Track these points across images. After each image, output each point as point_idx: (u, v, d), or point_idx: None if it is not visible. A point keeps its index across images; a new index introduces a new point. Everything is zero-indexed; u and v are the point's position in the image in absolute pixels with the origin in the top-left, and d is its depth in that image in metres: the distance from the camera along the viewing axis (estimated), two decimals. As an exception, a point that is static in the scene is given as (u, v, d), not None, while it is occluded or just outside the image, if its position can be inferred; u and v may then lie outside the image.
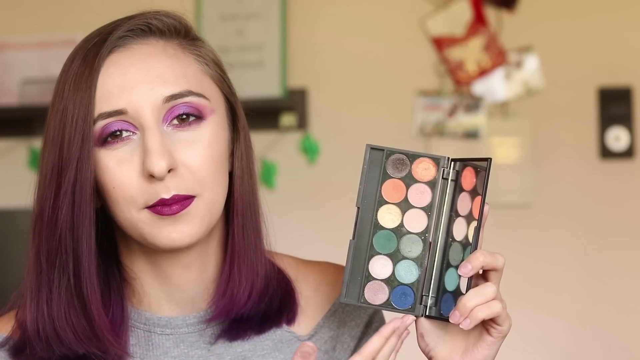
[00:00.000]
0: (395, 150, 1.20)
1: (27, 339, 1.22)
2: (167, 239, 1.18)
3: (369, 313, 1.33)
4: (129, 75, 1.18)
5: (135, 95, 1.17)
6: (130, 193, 1.17)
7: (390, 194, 1.20)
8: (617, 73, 3.19)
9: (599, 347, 3.18)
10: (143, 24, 1.21)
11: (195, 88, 1.20)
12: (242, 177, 1.26)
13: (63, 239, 1.18)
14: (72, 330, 1.19)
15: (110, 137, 1.17)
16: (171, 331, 1.26)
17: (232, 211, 1.25)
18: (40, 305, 1.21)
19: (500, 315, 1.16)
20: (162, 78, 1.18)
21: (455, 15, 3.22)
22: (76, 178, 1.17)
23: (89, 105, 1.16)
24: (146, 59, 1.19)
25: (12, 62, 3.28)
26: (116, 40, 1.20)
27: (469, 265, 1.15)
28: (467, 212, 1.19)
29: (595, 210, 3.20)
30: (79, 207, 1.17)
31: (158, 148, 1.16)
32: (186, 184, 1.17)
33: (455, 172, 1.20)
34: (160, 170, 1.15)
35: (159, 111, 1.18)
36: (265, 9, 3.22)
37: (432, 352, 1.21)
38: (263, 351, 1.28)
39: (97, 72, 1.18)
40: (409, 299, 1.20)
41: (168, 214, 1.17)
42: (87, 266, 1.18)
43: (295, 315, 1.30)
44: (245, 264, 1.25)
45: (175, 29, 1.24)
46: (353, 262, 1.20)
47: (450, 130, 3.23)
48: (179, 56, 1.22)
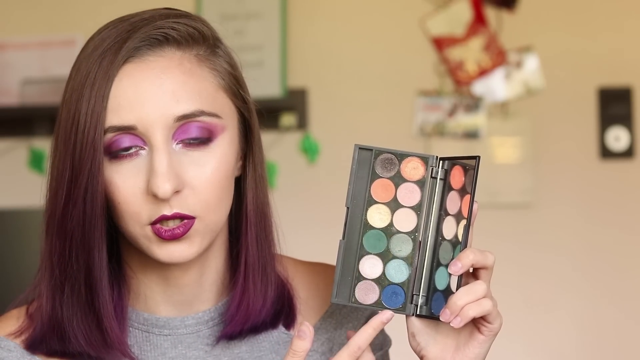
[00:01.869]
0: (384, 150, 1.20)
1: (44, 333, 1.22)
2: (168, 256, 1.18)
3: (366, 315, 1.33)
4: (141, 90, 1.16)
5: (146, 111, 1.15)
6: (135, 209, 1.17)
7: (380, 194, 1.20)
8: (617, 73, 3.19)
9: (599, 347, 3.18)
10: (160, 34, 1.18)
11: (207, 107, 1.18)
12: (256, 188, 1.26)
13: (74, 248, 1.18)
14: (85, 337, 1.20)
15: (120, 152, 1.17)
16: (169, 332, 1.26)
17: (245, 222, 1.25)
18: (55, 307, 1.21)
19: (491, 313, 1.16)
20: (175, 96, 1.16)
21: (455, 15, 3.22)
22: (87, 189, 1.16)
23: (100, 116, 1.15)
24: (160, 74, 1.17)
25: (12, 62, 3.28)
26: (131, 50, 1.17)
27: (458, 263, 1.15)
28: (456, 211, 1.19)
29: (595, 210, 3.20)
30: (90, 218, 1.17)
31: (165, 171, 1.15)
32: (188, 206, 1.17)
33: (444, 171, 1.20)
34: (164, 193, 1.14)
35: (169, 130, 1.16)
36: (265, 9, 3.22)
37: (423, 351, 1.21)
38: (260, 352, 1.28)
39: (110, 82, 1.16)
40: (400, 298, 1.20)
41: (169, 238, 1.17)
42: (99, 277, 1.19)
43: (293, 321, 1.30)
44: (259, 275, 1.25)
45: (193, 38, 1.20)
46: (343, 262, 1.20)
47: (450, 130, 3.23)
48: (194, 71, 1.19)
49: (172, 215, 1.16)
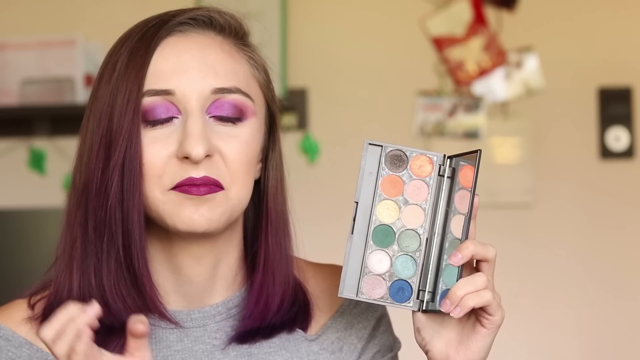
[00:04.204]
0: (393, 147, 1.21)
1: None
2: (188, 219, 1.19)
3: (376, 316, 1.34)
4: (183, 60, 1.20)
5: (186, 79, 1.19)
6: (158, 172, 1.18)
7: (388, 190, 1.21)
8: (617, 73, 3.20)
9: (598, 346, 3.19)
10: (206, 15, 1.23)
11: (243, 87, 1.22)
12: (276, 187, 1.28)
13: (113, 211, 1.19)
14: (122, 301, 1.20)
15: (155, 122, 1.19)
16: (175, 325, 1.26)
17: (265, 220, 1.27)
18: (88, 275, 1.21)
19: (491, 304, 1.17)
20: (215, 69, 1.20)
21: (455, 15, 3.23)
22: (126, 151, 1.18)
23: (141, 81, 1.18)
24: (202, 48, 1.21)
25: (12, 62, 3.28)
26: (177, 25, 1.22)
27: (459, 254, 1.17)
28: (465, 209, 1.20)
29: (595, 210, 3.20)
30: (129, 180, 1.18)
31: (199, 133, 1.17)
32: (218, 171, 1.19)
33: (451, 169, 1.21)
34: (197, 154, 1.16)
35: (205, 100, 1.19)
36: (265, 9, 3.22)
37: (428, 345, 1.22)
38: (270, 349, 1.28)
39: (152, 51, 1.19)
40: (406, 293, 1.20)
41: (196, 193, 1.18)
42: (138, 239, 1.19)
43: (308, 325, 1.30)
44: (279, 273, 1.27)
45: (235, 29, 1.25)
46: (351, 256, 1.21)
47: (450, 130, 3.23)
48: (233, 54, 1.23)
49: (201, 178, 1.18)
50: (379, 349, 1.32)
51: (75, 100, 3.21)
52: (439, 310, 1.19)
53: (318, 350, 1.29)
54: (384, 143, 1.21)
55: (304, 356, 1.28)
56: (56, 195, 3.18)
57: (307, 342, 1.29)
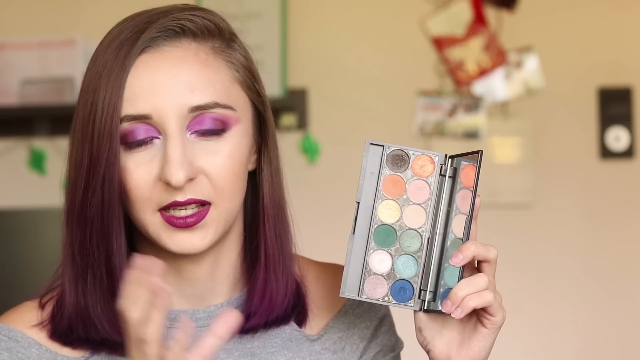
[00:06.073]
0: (395, 147, 1.22)
1: (71, 322, 1.23)
2: (181, 245, 1.19)
3: (379, 316, 1.34)
4: (157, 79, 1.17)
5: (161, 100, 1.17)
6: (146, 195, 1.18)
7: (390, 190, 1.21)
8: (617, 73, 3.20)
9: (599, 346, 3.19)
10: (176, 25, 1.20)
11: (222, 99, 1.19)
12: (272, 182, 1.27)
13: (94, 236, 1.19)
14: (109, 322, 1.21)
15: (135, 143, 1.18)
16: (180, 325, 1.26)
17: (263, 215, 1.26)
18: (79, 295, 1.22)
19: (492, 305, 1.17)
20: (190, 86, 1.18)
21: (455, 15, 3.23)
22: (105, 177, 1.17)
23: (117, 105, 1.17)
24: (176, 64, 1.18)
25: (12, 62, 3.28)
26: (148, 41, 1.18)
27: (460, 255, 1.17)
28: (467, 209, 1.20)
29: (595, 210, 3.20)
30: (109, 207, 1.18)
31: (179, 159, 1.16)
32: (203, 190, 1.18)
33: (452, 169, 1.21)
34: (177, 181, 1.15)
35: (183, 120, 1.17)
36: (265, 9, 3.22)
37: (429, 345, 1.22)
38: (272, 349, 1.28)
39: (126, 72, 1.17)
40: (408, 293, 1.21)
41: (182, 226, 1.18)
42: (119, 265, 1.19)
43: (305, 318, 1.30)
44: (280, 266, 1.26)
45: (209, 30, 1.22)
46: (352, 256, 1.21)
47: (450, 130, 3.23)
48: (210, 62, 1.20)
49: (186, 201, 1.17)
50: (380, 349, 1.33)
51: (75, 100, 3.21)
52: (440, 310, 1.19)
53: (320, 350, 1.29)
54: (386, 143, 1.21)
55: (306, 356, 1.28)
56: (56, 195, 3.15)
57: (309, 342, 1.29)
